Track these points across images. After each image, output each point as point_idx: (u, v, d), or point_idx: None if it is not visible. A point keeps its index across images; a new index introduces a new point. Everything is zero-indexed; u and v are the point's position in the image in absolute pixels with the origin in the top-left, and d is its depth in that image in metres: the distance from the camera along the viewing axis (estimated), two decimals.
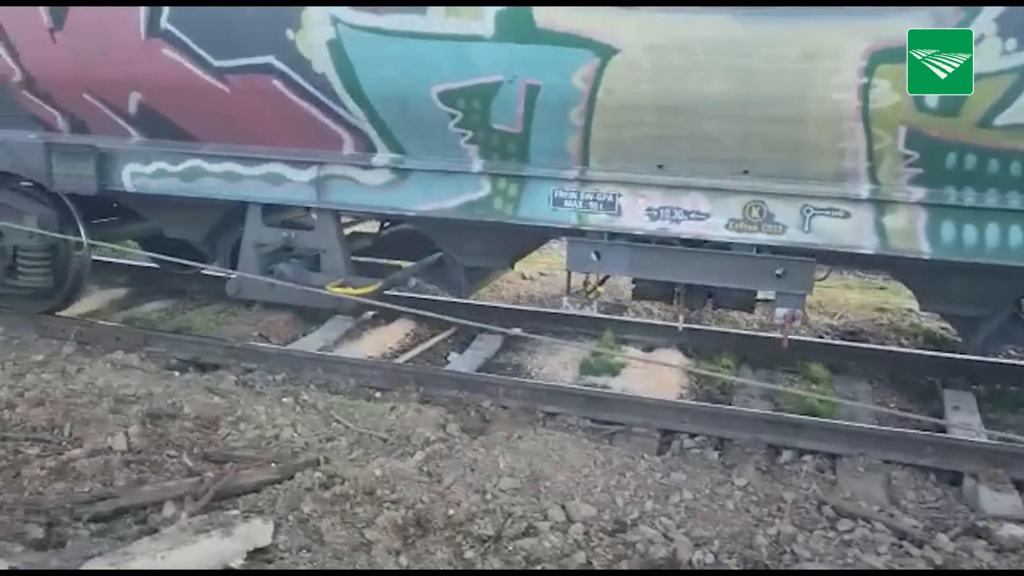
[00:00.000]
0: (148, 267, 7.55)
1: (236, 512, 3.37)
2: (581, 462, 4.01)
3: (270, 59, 4.56)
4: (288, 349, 5.76)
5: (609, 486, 3.85)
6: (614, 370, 5.72)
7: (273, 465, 3.82)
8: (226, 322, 6.65)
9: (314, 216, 5.20)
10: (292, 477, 3.72)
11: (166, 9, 4.60)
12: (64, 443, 4.02)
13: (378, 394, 5.22)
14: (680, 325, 5.15)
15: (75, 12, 4.78)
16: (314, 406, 4.62)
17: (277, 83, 4.63)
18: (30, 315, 6.03)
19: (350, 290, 4.85)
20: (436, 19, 4.22)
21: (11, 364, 5.07)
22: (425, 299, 6.62)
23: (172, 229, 5.83)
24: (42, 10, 4.83)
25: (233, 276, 5.33)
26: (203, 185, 5.18)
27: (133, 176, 5.29)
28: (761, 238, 4.37)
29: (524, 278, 8.04)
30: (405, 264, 5.90)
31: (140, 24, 4.68)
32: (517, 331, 6.33)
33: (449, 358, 6.15)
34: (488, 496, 3.70)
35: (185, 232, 5.81)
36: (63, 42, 4.89)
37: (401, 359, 5.92)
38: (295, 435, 4.23)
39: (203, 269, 7.02)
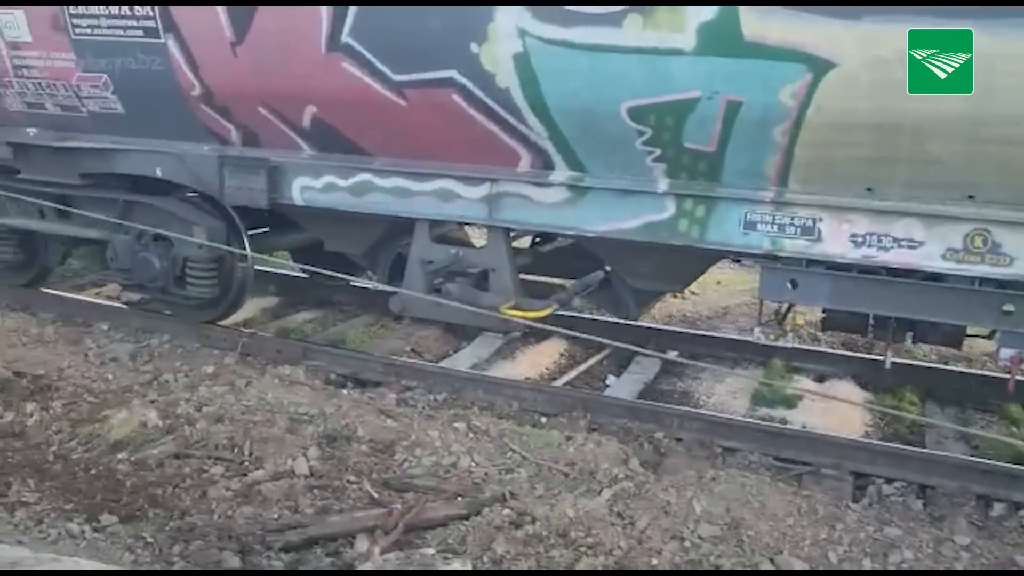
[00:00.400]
0: (297, 277, 7.60)
1: (431, 551, 3.21)
2: (784, 510, 3.70)
3: (451, 73, 4.43)
4: (448, 368, 5.63)
5: (819, 539, 3.54)
6: (790, 402, 5.36)
7: (459, 499, 3.66)
8: (379, 336, 6.59)
9: (483, 233, 5.04)
10: (479, 512, 3.55)
11: (347, 24, 4.53)
12: (246, 463, 3.97)
13: (543, 419, 5.03)
14: (888, 360, 4.76)
15: (257, 27, 4.77)
16: (486, 432, 4.46)
17: (457, 97, 4.49)
18: (193, 324, 6.09)
19: (526, 313, 4.67)
20: (632, 31, 3.99)
21: (183, 376, 5.11)
22: (576, 318, 6.40)
23: (333, 242, 5.79)
24: (225, 25, 4.84)
25: (398, 293, 5.23)
26: (372, 200, 5.10)
27: (303, 190, 5.26)
28: (983, 270, 3.96)
29: (675, 296, 7.73)
30: (555, 281, 5.74)
31: (321, 38, 4.63)
32: (674, 355, 6.06)
33: (608, 382, 5.91)
34: (688, 544, 3.44)
35: (346, 246, 5.77)
36: (244, 56, 4.89)
37: (560, 381, 5.71)
38: (472, 464, 4.07)
39: (352, 281, 7.01)
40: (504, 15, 4.21)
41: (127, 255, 5.86)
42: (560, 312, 6.23)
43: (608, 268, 5.36)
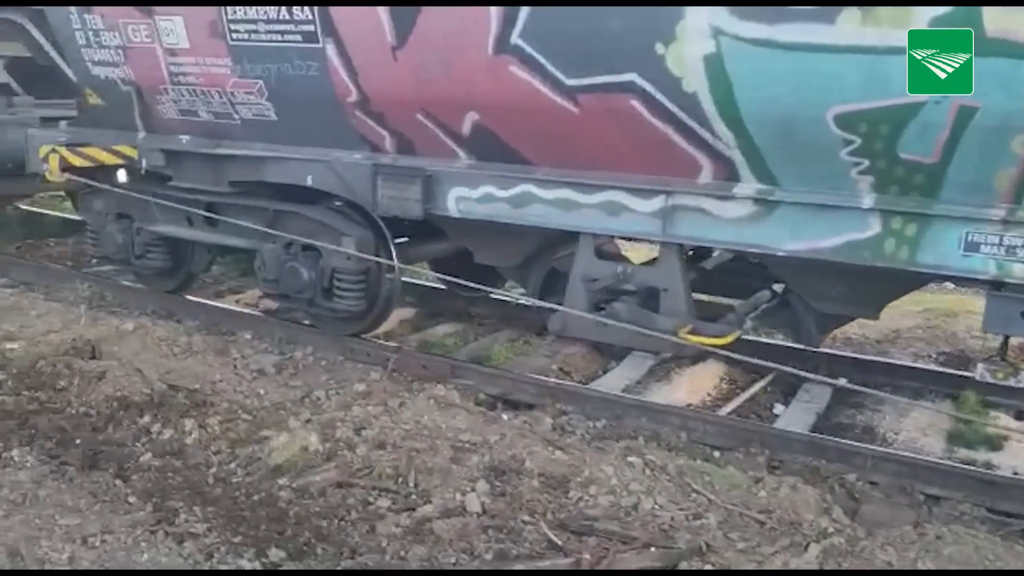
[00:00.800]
0: (435, 288, 7.39)
1: None
2: None
3: (632, 77, 4.08)
4: (607, 393, 5.27)
5: None
6: (993, 443, 4.78)
7: (651, 549, 3.29)
8: (523, 352, 6.29)
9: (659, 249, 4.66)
10: (676, 567, 3.18)
11: (518, 25, 4.24)
12: (412, 496, 3.70)
13: (716, 453, 4.61)
14: None
15: (420, 30, 4.54)
16: (664, 469, 4.07)
17: (635, 103, 4.14)
18: (338, 336, 5.93)
19: (709, 340, 4.27)
20: (848, 28, 3.55)
21: (334, 393, 4.92)
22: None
23: (483, 255, 5.52)
24: (386, 29, 4.62)
25: (557, 311, 4.91)
26: (532, 212, 4.79)
27: (458, 200, 5.00)
28: None
29: None
30: (720, 300, 5.33)
31: (488, 41, 4.35)
32: (844, 382, 5.52)
33: (776, 411, 5.44)
34: None
35: (497, 258, 5.49)
36: (404, 61, 4.66)
37: (725, 410, 5.27)
38: (655, 507, 3.69)
39: (491, 293, 6.75)
40: (696, 14, 3.83)
41: (275, 265, 5.73)
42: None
43: (779, 288, 4.92)
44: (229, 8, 5.07)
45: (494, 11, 4.28)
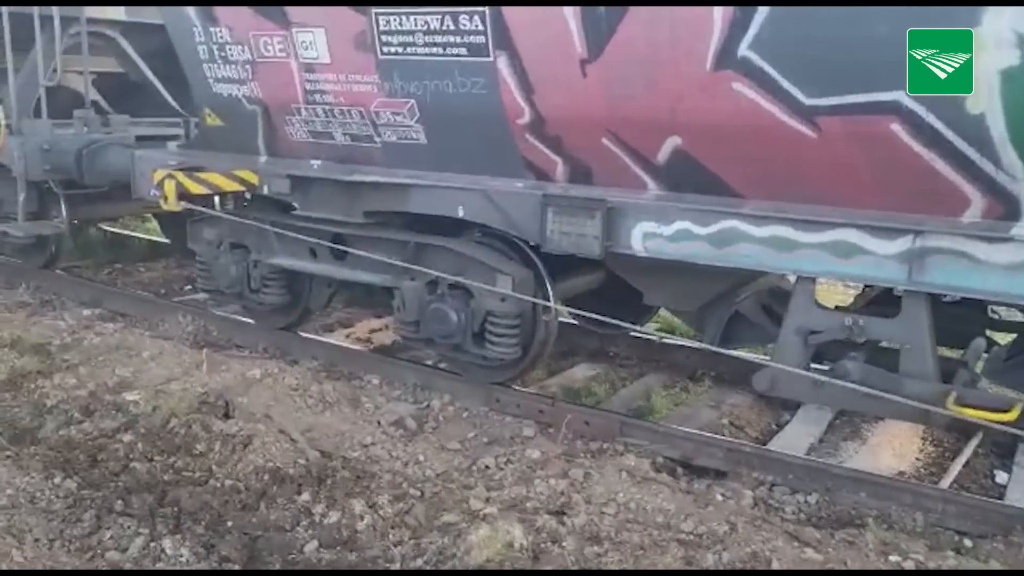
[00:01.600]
0: (566, 323, 6.71)
1: None
2: None
3: (897, 95, 3.37)
4: (815, 461, 4.52)
5: None
6: None
7: None
8: (683, 402, 5.58)
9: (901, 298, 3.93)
10: None
11: (751, 30, 3.55)
12: None
13: (967, 541, 3.86)
14: None
15: (619, 39, 3.88)
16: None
17: (896, 126, 3.43)
18: (483, 384, 5.28)
19: (993, 415, 3.52)
20: None
21: (506, 461, 4.26)
22: None
23: (656, 295, 4.86)
24: (576, 39, 3.97)
25: (766, 367, 4.21)
26: (739, 252, 4.09)
27: (646, 237, 4.32)
28: None
29: None
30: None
31: (708, 52, 3.68)
32: None
33: (999, 479, 4.66)
34: None
35: (673, 300, 4.84)
36: (596, 76, 4.01)
37: (945, 481, 4.50)
38: None
39: (632, 331, 6.06)
40: (998, 17, 3.11)
41: (416, 306, 5.10)
42: None
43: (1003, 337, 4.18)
44: (382, 18, 4.47)
45: (719, 13, 3.60)
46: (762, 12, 3.51)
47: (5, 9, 6.78)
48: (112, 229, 9.86)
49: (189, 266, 8.86)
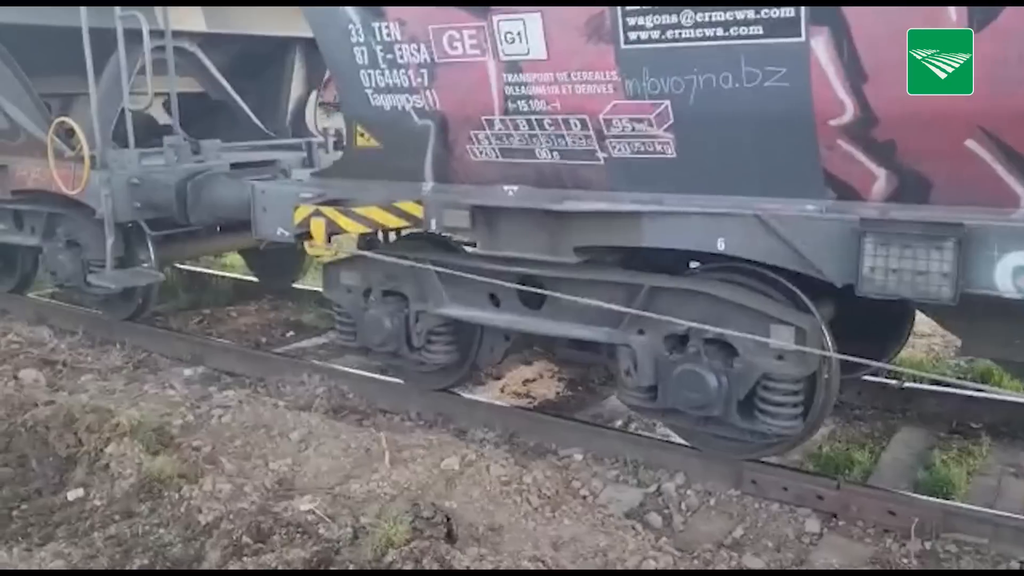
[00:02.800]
0: None
1: None
2: None
3: None
4: None
5: None
6: None
7: None
8: (976, 469, 4.40)
9: None
10: None
11: None
12: None
13: None
14: None
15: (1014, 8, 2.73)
16: None
17: None
18: (726, 460, 4.13)
19: None
20: None
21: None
22: None
23: (986, 343, 3.69)
24: (953, 9, 2.82)
25: None
26: None
27: (1017, 273, 3.15)
28: None
29: None
30: None
31: None
32: None
33: None
34: None
35: (1006, 349, 3.64)
36: (977, 56, 2.86)
37: None
38: None
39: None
40: None
41: (653, 367, 3.96)
42: None
43: None
44: None
45: None
46: None
47: (84, 12, 5.68)
48: (191, 268, 8.77)
49: (285, 308, 7.80)
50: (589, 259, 4.13)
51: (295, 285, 8.08)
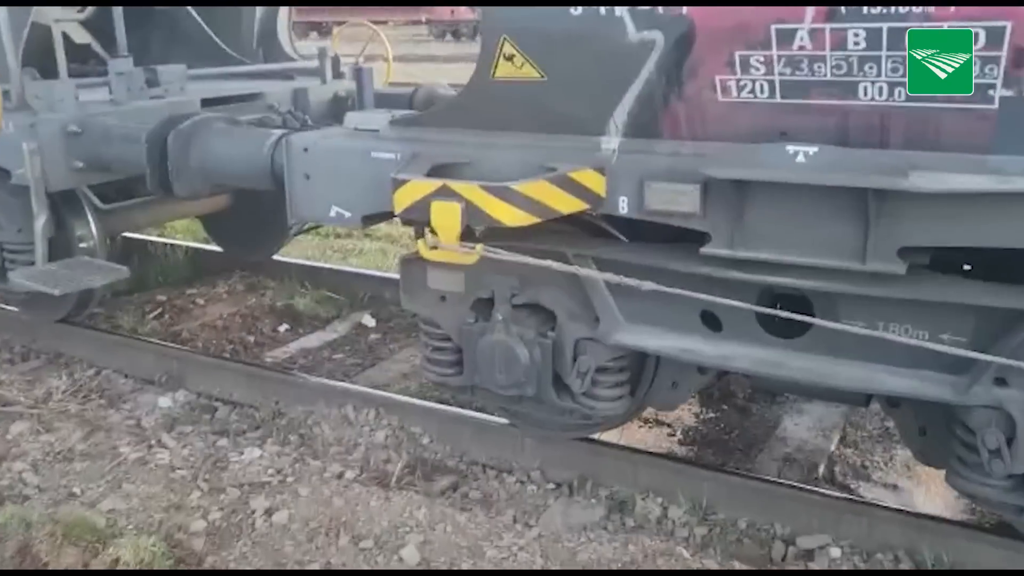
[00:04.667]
0: None
1: None
2: None
3: None
4: None
5: None
6: None
7: None
8: None
9: None
10: None
11: None
12: None
13: None
14: None
15: None
16: None
17: None
18: None
19: None
20: None
21: None
22: None
23: None
24: None
25: None
26: None
27: None
28: None
29: None
30: None
31: None
32: None
33: None
34: None
35: None
36: None
37: None
38: None
39: None
40: None
41: None
42: None
43: None
44: None
45: None
46: None
47: None
48: (130, 235, 6.58)
49: (265, 289, 5.88)
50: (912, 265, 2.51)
51: (276, 257, 6.13)
